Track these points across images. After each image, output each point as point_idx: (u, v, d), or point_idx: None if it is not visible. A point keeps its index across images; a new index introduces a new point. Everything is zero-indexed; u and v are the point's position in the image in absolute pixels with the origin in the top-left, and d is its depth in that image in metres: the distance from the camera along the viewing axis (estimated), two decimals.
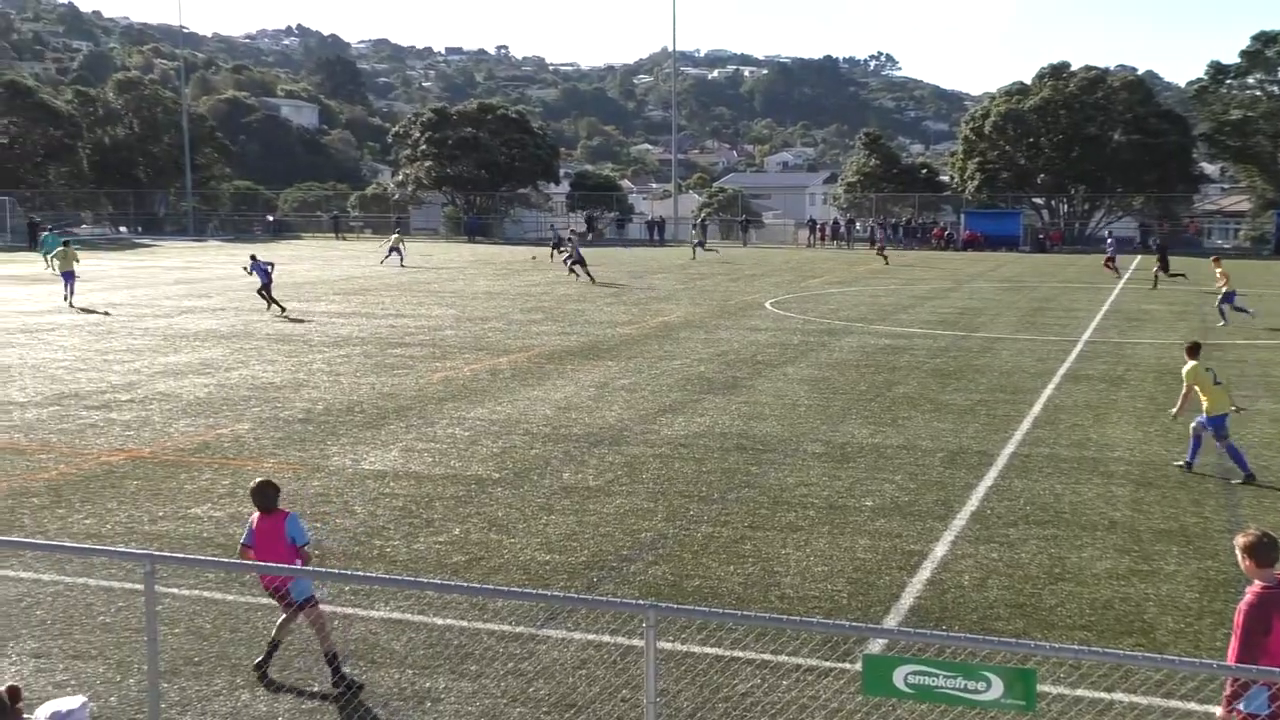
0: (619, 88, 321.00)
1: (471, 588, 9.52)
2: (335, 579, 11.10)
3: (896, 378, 23.54)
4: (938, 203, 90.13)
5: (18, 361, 24.95)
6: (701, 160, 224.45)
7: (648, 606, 6.70)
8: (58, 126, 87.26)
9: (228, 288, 43.30)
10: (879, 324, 32.75)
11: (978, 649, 6.72)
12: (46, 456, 16.44)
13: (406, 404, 20.41)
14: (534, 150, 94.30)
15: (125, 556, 9.55)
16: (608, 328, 31.58)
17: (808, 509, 14.02)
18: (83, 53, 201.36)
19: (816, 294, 42.47)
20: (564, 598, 10.20)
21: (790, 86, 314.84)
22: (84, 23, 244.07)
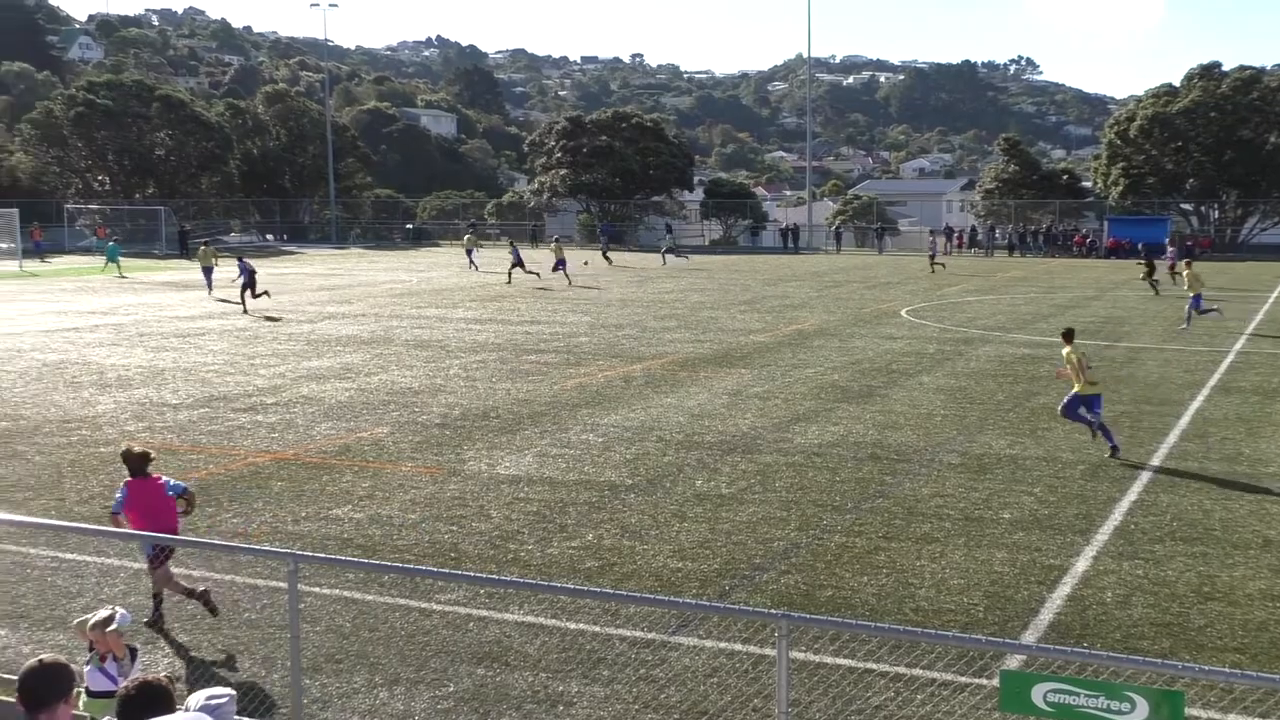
0: (753, 95, 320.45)
1: (604, 593, 9.59)
2: (470, 581, 11.27)
3: (1036, 388, 23.03)
4: (1079, 209, 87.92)
5: (171, 365, 25.86)
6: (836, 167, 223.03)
7: (780, 616, 6.67)
8: (210, 138, 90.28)
9: (369, 294, 44.29)
10: (1017, 333, 32.08)
11: (1121, 668, 6.53)
12: (197, 457, 17.01)
13: (541, 410, 20.63)
14: (668, 158, 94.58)
15: (270, 555, 9.83)
16: (741, 335, 31.52)
17: (943, 520, 13.79)
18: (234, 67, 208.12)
19: (953, 303, 41.79)
20: (696, 605, 10.28)
21: (927, 92, 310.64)
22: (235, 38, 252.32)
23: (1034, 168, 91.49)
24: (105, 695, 7.60)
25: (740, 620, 10.18)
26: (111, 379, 23.80)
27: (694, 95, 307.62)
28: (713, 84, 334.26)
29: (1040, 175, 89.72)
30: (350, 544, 12.84)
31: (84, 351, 27.88)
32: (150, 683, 5.15)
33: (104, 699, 7.58)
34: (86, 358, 26.86)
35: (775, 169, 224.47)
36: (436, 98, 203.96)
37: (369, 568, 11.13)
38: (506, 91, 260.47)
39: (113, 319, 35.33)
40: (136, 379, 23.92)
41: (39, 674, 5.30)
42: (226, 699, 5.57)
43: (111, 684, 7.68)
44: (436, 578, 11.25)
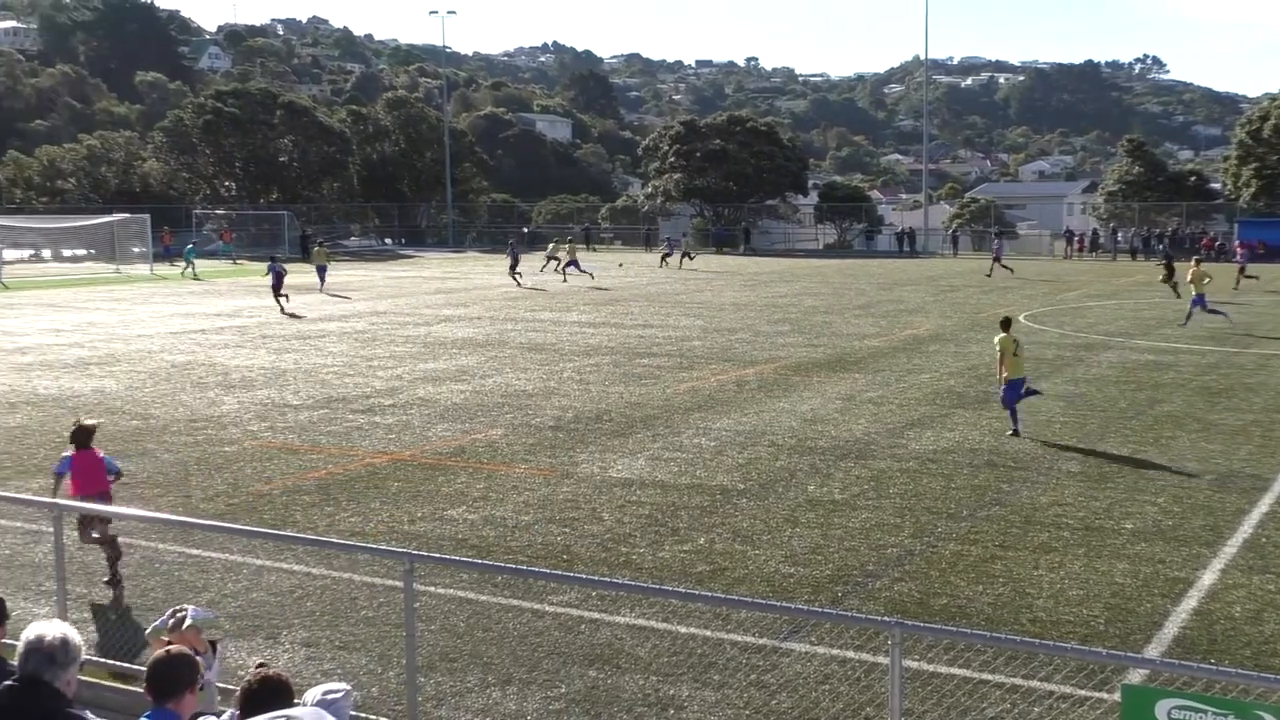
0: (869, 97, 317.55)
1: (716, 597, 9.55)
2: (583, 584, 11.33)
3: (1160, 395, 22.43)
4: (1208, 211, 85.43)
5: (292, 366, 26.46)
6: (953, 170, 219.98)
7: (893, 624, 6.60)
8: (331, 144, 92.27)
9: (484, 297, 44.83)
10: (1140, 339, 31.29)
11: (1251, 686, 6.32)
12: (316, 457, 17.37)
13: (653, 413, 20.68)
14: (782, 161, 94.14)
15: (386, 554, 10.00)
16: (855, 340, 31.24)
17: (1062, 530, 13.50)
18: (355, 74, 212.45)
19: (1073, 307, 40.91)
20: (808, 611, 10.21)
21: (1048, 92, 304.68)
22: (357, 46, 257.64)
23: (1159, 169, 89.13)
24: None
25: (853, 627, 10.08)
26: (235, 380, 24.44)
27: (809, 98, 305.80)
28: (828, 87, 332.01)
29: (1166, 177, 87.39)
30: (465, 544, 13.00)
31: (210, 353, 28.68)
32: (271, 677, 5.28)
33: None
34: (212, 359, 27.62)
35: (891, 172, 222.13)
36: (552, 103, 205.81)
37: (483, 568, 11.26)
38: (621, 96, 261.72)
39: (237, 321, 36.27)
40: (259, 380, 24.52)
41: (167, 664, 5.47)
42: (342, 694, 5.67)
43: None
44: (549, 579, 11.33)
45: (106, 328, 34.44)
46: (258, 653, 9.90)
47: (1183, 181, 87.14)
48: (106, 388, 23.52)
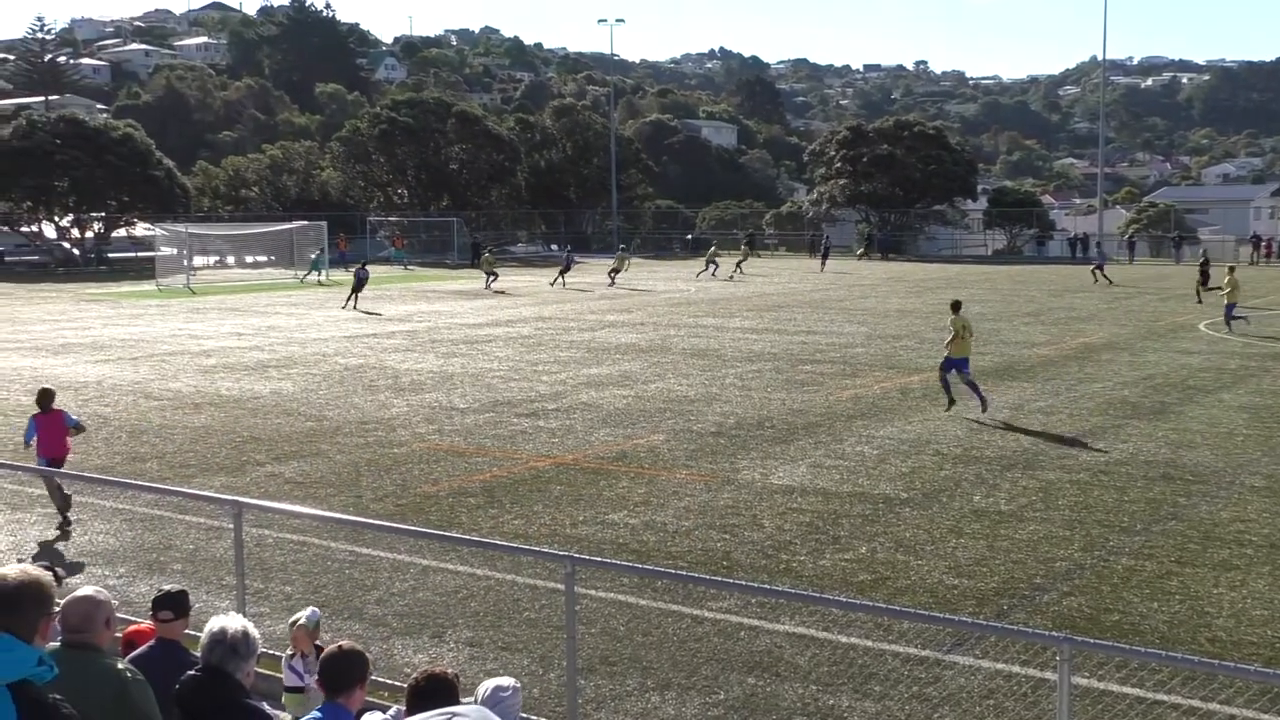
0: (1042, 100, 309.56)
1: (878, 607, 9.44)
2: (742, 590, 11.28)
3: None
4: None
5: (460, 370, 27.03)
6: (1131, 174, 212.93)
7: (1062, 639, 6.42)
8: (500, 151, 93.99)
9: (647, 303, 45.11)
10: None
11: None
12: (482, 459, 17.70)
13: (816, 420, 20.51)
14: (951, 166, 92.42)
15: (549, 557, 10.13)
16: (1024, 348, 30.48)
17: (1244, 546, 12.94)
18: (524, 83, 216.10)
19: (1260, 314, 39.19)
20: (973, 624, 9.99)
21: (1235, 92, 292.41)
22: (526, 55, 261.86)
23: None
24: (294, 690, 8.11)
25: (1019, 642, 9.82)
26: (405, 383, 25.07)
27: (979, 102, 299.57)
28: (999, 90, 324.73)
29: None
30: (625, 549, 13.08)
31: (380, 357, 29.48)
32: (437, 674, 5.41)
33: (294, 694, 8.07)
34: (383, 362, 28.39)
35: (1064, 176, 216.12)
36: (718, 109, 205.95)
37: (643, 573, 11.31)
38: (787, 101, 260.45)
39: (407, 326, 37.22)
40: (428, 383, 25.11)
41: (338, 659, 5.65)
42: (511, 691, 5.77)
43: (299, 680, 8.09)
44: (709, 585, 11.32)
45: (285, 332, 35.72)
46: (423, 651, 10.14)
47: None
48: (283, 389, 24.39)
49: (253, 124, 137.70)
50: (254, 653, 5.66)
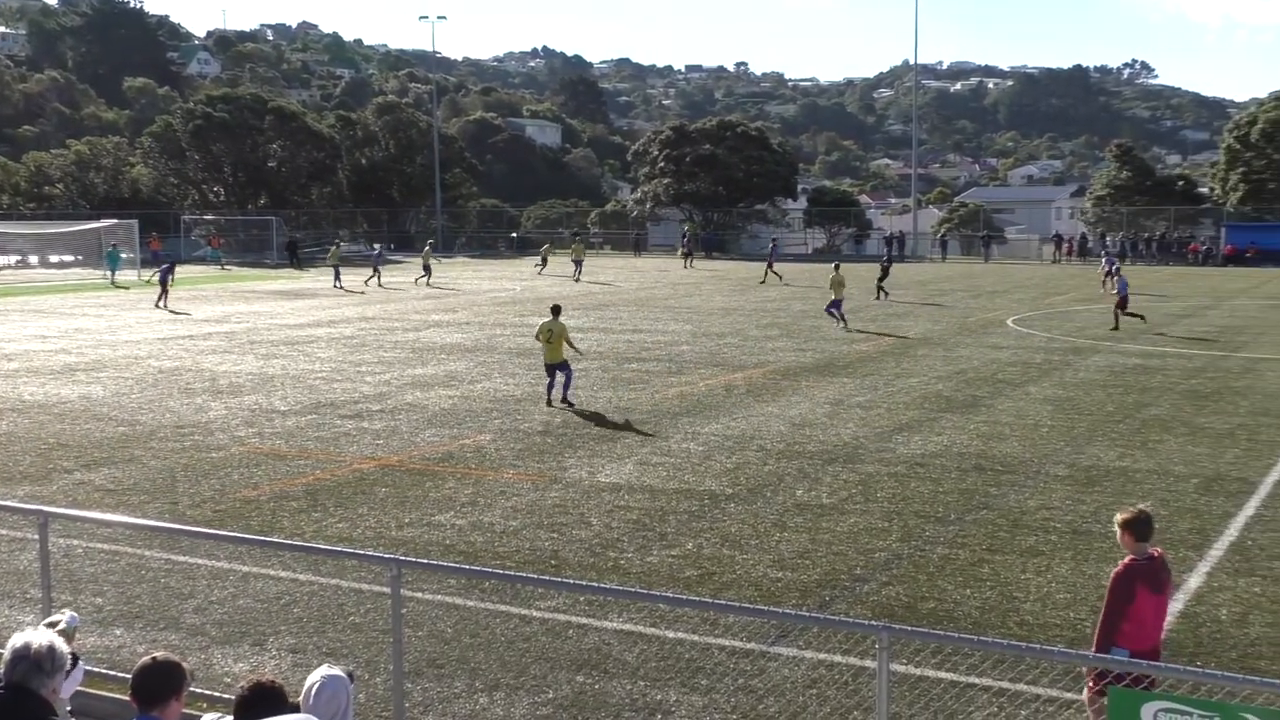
0: (858, 102, 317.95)
1: (704, 602, 9.57)
2: (570, 589, 11.30)
3: (1147, 399, 22.49)
4: (1195, 216, 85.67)
5: (280, 372, 26.41)
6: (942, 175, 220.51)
7: (881, 628, 6.59)
8: (320, 149, 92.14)
9: (473, 302, 44.80)
10: (1128, 343, 31.37)
11: (1237, 688, 6.33)
12: (304, 462, 17.33)
13: (642, 418, 20.67)
14: (772, 166, 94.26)
15: (374, 560, 9.99)
16: (844, 344, 31.27)
17: (1049, 533, 13.53)
18: (345, 80, 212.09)
19: (1061, 311, 41.02)
20: (796, 616, 10.17)
21: (1037, 97, 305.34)
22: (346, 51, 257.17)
23: (1148, 174, 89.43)
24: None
25: (840, 631, 10.08)
26: (223, 385, 24.38)
27: (798, 103, 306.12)
28: (817, 92, 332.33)
29: (1154, 181, 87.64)
30: (452, 550, 12.97)
31: (197, 359, 28.60)
32: (264, 683, 5.26)
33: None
34: (200, 365, 27.54)
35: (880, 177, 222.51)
36: (542, 108, 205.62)
37: (470, 574, 11.24)
38: (611, 101, 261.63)
39: (225, 327, 36.19)
40: (247, 385, 24.46)
41: (152, 671, 5.44)
42: (320, 684, 5.53)
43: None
44: (537, 584, 11.30)
45: (93, 334, 34.35)
46: (244, 660, 9.88)
47: (1171, 186, 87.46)
48: (93, 394, 23.45)
49: (56, 118, 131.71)
50: (61, 669, 5.42)
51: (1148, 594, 7.77)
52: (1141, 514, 8.02)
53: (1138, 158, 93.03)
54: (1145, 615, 7.79)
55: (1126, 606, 7.69)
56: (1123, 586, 7.73)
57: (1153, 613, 7.88)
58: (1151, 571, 7.83)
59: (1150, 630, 7.86)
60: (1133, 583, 7.72)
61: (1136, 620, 7.73)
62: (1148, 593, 7.77)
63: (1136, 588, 7.71)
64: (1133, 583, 7.72)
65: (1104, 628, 7.76)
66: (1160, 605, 8.00)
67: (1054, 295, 48.46)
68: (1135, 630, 7.72)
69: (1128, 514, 8.05)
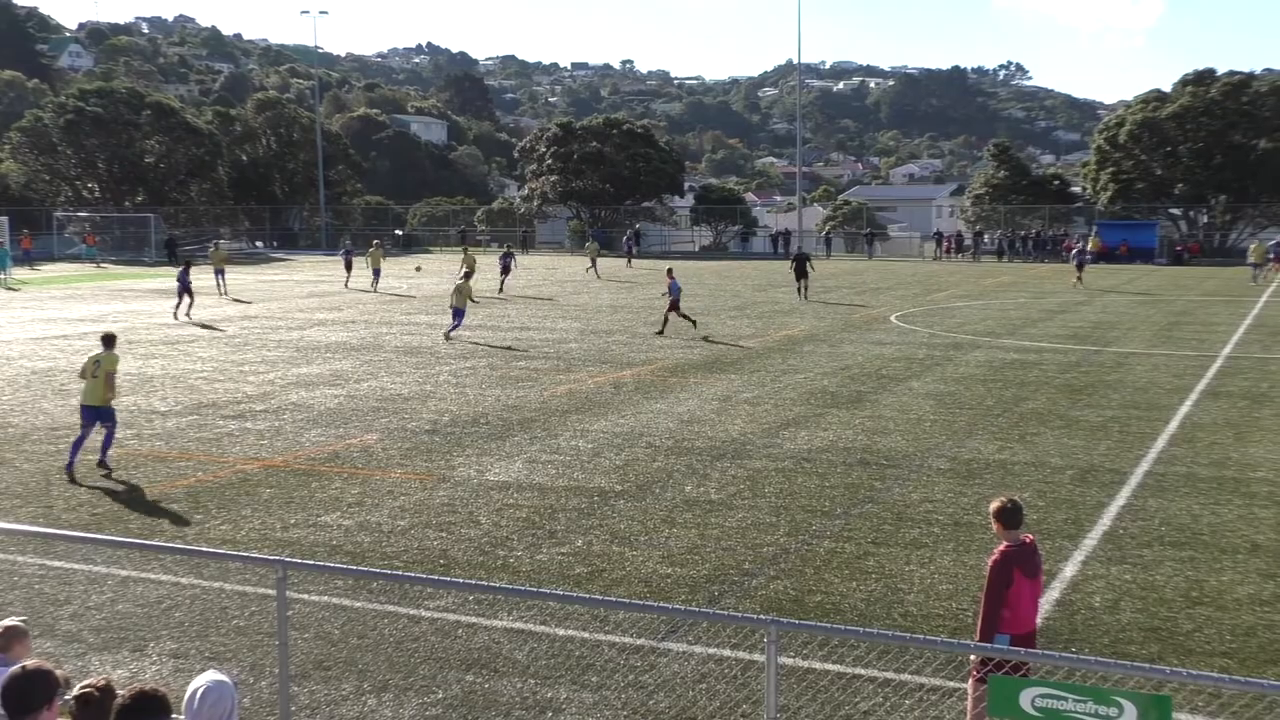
0: (743, 101, 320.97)
1: (593, 599, 9.54)
2: (459, 588, 11.23)
3: (1025, 393, 23.07)
4: (1069, 214, 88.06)
5: (160, 372, 25.80)
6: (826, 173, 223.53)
7: (769, 621, 6.67)
8: (199, 145, 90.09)
9: (358, 300, 44.23)
10: (1007, 338, 32.14)
11: (1110, 673, 6.54)
12: (186, 464, 16.96)
13: (531, 416, 20.62)
14: (659, 164, 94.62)
15: (258, 562, 9.83)
16: (731, 341, 31.53)
17: (932, 525, 13.81)
18: (224, 74, 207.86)
19: (943, 308, 41.87)
20: (685, 611, 10.26)
21: (917, 98, 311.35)
22: (225, 45, 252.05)
23: (1023, 173, 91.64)
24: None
25: (729, 626, 10.18)
26: None
27: (684, 101, 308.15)
28: (703, 90, 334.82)
29: (1030, 180, 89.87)
30: (339, 551, 12.81)
31: (73, 359, 27.78)
32: (146, 691, 5.14)
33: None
34: (75, 365, 26.66)
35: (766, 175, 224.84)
36: (427, 104, 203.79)
37: (358, 574, 11.12)
38: (497, 98, 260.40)
39: (102, 326, 35.18)
40: (125, 386, 23.80)
41: (20, 681, 5.28)
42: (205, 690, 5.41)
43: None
44: (425, 584, 11.22)
45: None
46: (123, 666, 9.65)
47: (1045, 185, 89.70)
48: None
49: None
50: None
51: (1023, 578, 8.01)
52: (1011, 502, 8.29)
53: (1014, 157, 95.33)
54: (1022, 600, 8.02)
55: (1005, 590, 7.92)
56: (1000, 572, 7.96)
57: (1029, 597, 8.12)
58: (1024, 556, 8.08)
59: (1027, 615, 8.09)
60: (1009, 568, 7.96)
61: (1015, 605, 7.96)
62: (1023, 577, 8.01)
63: (1013, 571, 7.95)
64: (1009, 568, 7.96)
65: (986, 615, 7.99)
66: (1035, 589, 8.26)
67: (935, 292, 49.43)
68: (1014, 616, 7.96)
69: (999, 503, 8.31)
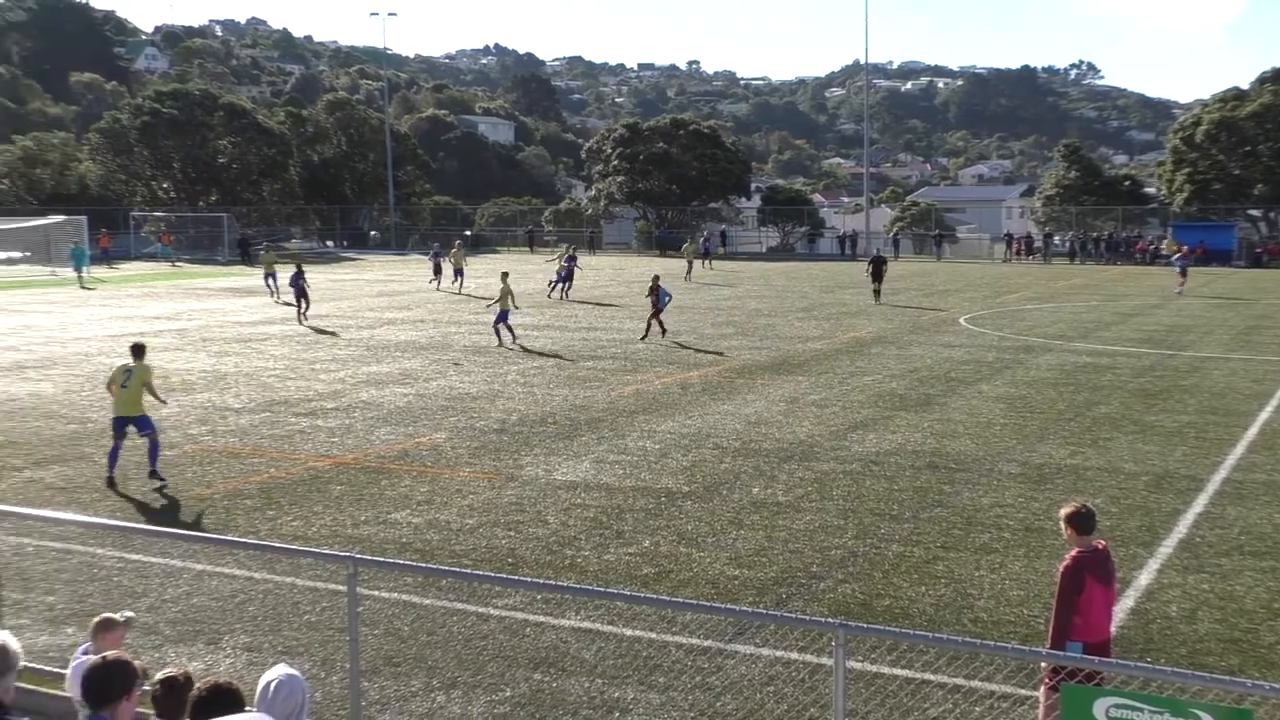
0: (810, 101, 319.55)
1: (661, 600, 9.56)
2: (527, 587, 11.28)
3: (1098, 397, 22.75)
4: (1142, 216, 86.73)
5: (234, 370, 26.18)
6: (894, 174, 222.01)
7: (837, 625, 6.63)
8: (271, 145, 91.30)
9: (427, 300, 44.60)
10: (1079, 341, 31.72)
11: (1187, 684, 6.43)
12: (259, 460, 17.20)
13: (598, 416, 20.67)
14: (725, 164, 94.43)
15: (329, 558, 9.93)
16: (798, 342, 31.40)
17: (1003, 531, 13.66)
18: (295, 76, 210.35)
19: (1013, 310, 41.40)
20: (753, 613, 10.22)
21: (986, 98, 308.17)
22: (296, 48, 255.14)
23: (1095, 174, 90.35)
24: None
25: (797, 629, 10.14)
26: (175, 383, 24.13)
27: (751, 102, 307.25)
28: (770, 90, 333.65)
29: (1102, 181, 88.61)
30: (409, 548, 12.92)
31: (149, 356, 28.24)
32: (221, 685, 5.23)
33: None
34: (151, 362, 27.19)
35: (832, 176, 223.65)
36: (494, 105, 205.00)
37: (427, 572, 11.20)
38: (564, 99, 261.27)
39: (177, 324, 35.82)
40: (200, 383, 24.24)
41: (102, 671, 5.39)
42: (278, 683, 5.50)
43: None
44: (494, 583, 11.29)
45: (43, 331, 33.90)
46: (198, 659, 9.80)
47: (1118, 186, 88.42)
48: (43, 391, 23.15)
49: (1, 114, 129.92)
50: (13, 668, 5.37)
51: (1096, 585, 7.88)
52: (1084, 508, 8.15)
53: (1085, 157, 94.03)
54: (1095, 607, 7.90)
55: (1077, 597, 7.79)
56: (1072, 578, 7.84)
57: (1102, 604, 8.00)
58: (1098, 562, 7.95)
59: (1101, 622, 7.98)
60: (1081, 573, 7.84)
61: (1087, 612, 7.84)
62: (1096, 583, 7.88)
63: (1085, 577, 7.82)
64: (1081, 573, 7.84)
65: (1058, 622, 7.87)
66: (1108, 597, 8.12)
67: (1005, 294, 48.90)
68: (1086, 623, 7.84)
69: (1071, 508, 8.18)
